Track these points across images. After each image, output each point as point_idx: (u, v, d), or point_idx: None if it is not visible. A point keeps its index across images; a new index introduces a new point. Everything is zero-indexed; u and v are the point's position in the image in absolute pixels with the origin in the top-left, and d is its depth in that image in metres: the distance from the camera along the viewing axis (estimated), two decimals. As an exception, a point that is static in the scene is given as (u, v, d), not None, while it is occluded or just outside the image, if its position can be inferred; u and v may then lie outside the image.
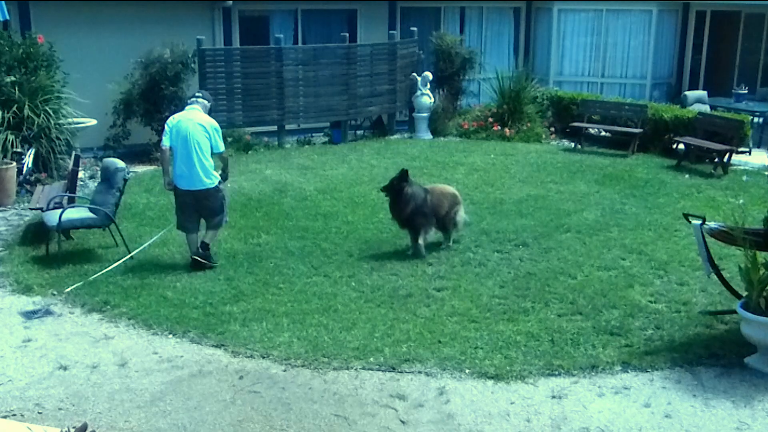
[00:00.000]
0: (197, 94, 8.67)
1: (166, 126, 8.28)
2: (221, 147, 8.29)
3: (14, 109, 11.28)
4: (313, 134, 15.41)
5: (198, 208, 8.32)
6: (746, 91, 16.42)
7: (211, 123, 8.25)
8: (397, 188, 8.72)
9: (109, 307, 7.28)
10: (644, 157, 13.85)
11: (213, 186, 8.22)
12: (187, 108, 8.40)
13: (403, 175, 8.74)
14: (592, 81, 18.21)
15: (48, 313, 7.19)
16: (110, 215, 8.52)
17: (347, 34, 15.57)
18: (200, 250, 8.28)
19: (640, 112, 14.44)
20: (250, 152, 13.91)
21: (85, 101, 12.25)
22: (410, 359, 6.28)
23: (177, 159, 8.16)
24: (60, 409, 5.57)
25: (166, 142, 8.17)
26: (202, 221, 8.46)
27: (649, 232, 9.60)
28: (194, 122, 8.14)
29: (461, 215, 9.03)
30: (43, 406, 5.61)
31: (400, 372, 6.11)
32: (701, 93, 16.48)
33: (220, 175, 8.36)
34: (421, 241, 8.67)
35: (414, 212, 8.63)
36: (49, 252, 8.58)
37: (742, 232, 6.42)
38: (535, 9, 18.73)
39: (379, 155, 13.86)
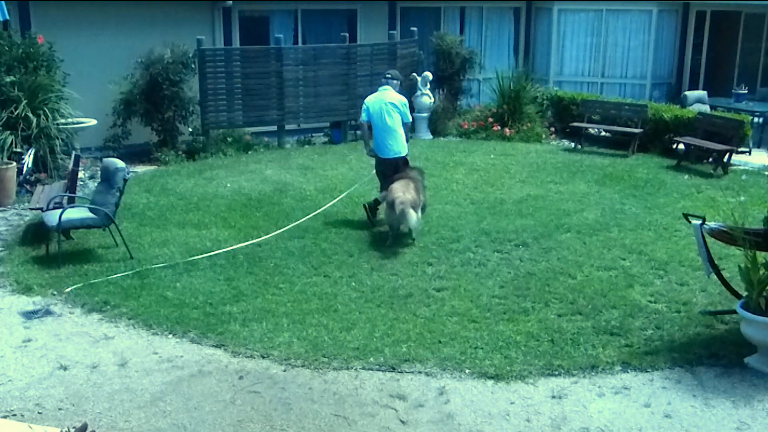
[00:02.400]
0: (387, 75, 10.06)
1: (364, 104, 9.83)
2: (408, 118, 9.83)
3: (14, 109, 11.27)
4: (313, 134, 15.42)
5: (384, 171, 9.78)
6: (746, 91, 16.41)
7: (401, 99, 9.76)
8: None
9: (109, 307, 7.28)
10: (644, 157, 13.85)
11: (402, 155, 9.72)
12: (380, 89, 9.87)
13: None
14: (592, 81, 18.21)
15: (48, 313, 7.19)
16: (110, 215, 8.52)
17: (347, 34, 15.56)
18: (372, 203, 9.85)
19: (640, 112, 14.44)
20: (250, 152, 13.91)
21: (85, 101, 12.25)
22: (410, 359, 6.29)
23: (375, 132, 9.68)
24: (60, 409, 5.57)
25: (364, 117, 9.75)
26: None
27: (649, 232, 9.60)
28: (386, 101, 9.62)
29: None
30: (43, 406, 5.61)
31: (400, 372, 6.11)
32: (701, 93, 16.48)
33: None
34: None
35: None
36: (49, 252, 8.58)
37: (742, 232, 6.42)
38: (535, 9, 18.73)
39: (379, 155, 13.85)
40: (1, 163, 10.77)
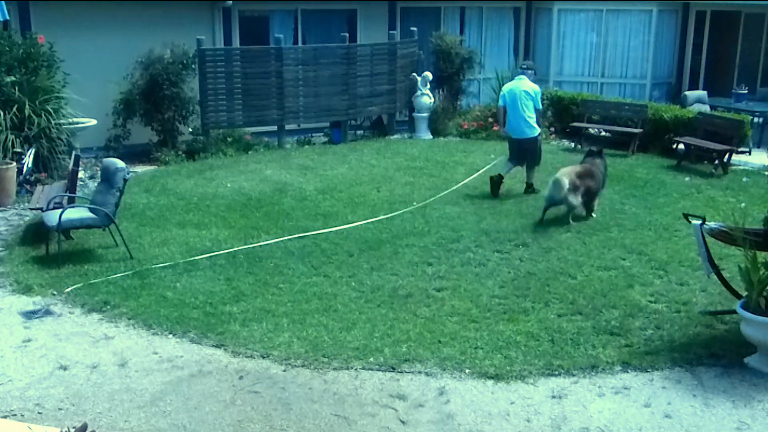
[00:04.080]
0: (523, 66, 11.59)
1: (501, 91, 11.44)
2: (540, 105, 11.15)
3: (14, 109, 11.27)
4: (313, 134, 15.41)
5: (520, 151, 11.25)
6: (746, 91, 16.41)
7: (534, 88, 11.07)
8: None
9: (109, 307, 7.29)
10: (644, 157, 13.85)
11: (533, 136, 11.10)
12: (516, 78, 11.31)
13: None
14: (592, 81, 18.20)
15: (48, 313, 7.19)
16: (110, 215, 8.52)
17: (347, 34, 15.56)
18: (527, 189, 11.23)
19: (640, 112, 14.44)
20: (250, 152, 13.92)
21: (85, 101, 12.25)
22: (410, 359, 6.28)
23: (509, 115, 11.09)
24: (60, 409, 5.57)
25: (500, 103, 11.33)
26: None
27: (649, 232, 9.60)
28: (521, 88, 10.98)
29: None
30: (43, 406, 5.61)
31: (400, 372, 6.11)
32: (701, 93, 16.47)
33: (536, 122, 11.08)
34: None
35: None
36: (49, 252, 8.58)
37: (742, 232, 6.42)
38: (535, 9, 18.72)
39: (379, 155, 13.87)
40: (1, 163, 10.77)
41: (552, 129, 15.91)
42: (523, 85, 11.05)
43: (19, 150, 11.18)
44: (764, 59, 17.78)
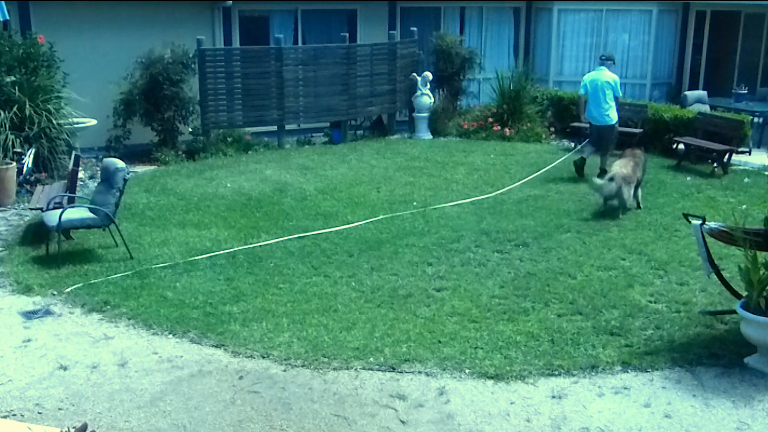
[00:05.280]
0: (603, 57, 12.38)
1: (582, 81, 12.28)
2: (619, 93, 11.99)
3: (14, 109, 11.28)
4: (313, 134, 15.42)
5: (599, 137, 12.06)
6: (746, 91, 16.41)
7: (613, 78, 11.92)
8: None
9: (109, 307, 7.28)
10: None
11: (611, 123, 11.94)
12: (597, 68, 12.19)
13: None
14: (592, 81, 18.18)
15: (48, 313, 7.19)
16: (110, 215, 8.52)
17: (347, 34, 15.57)
18: (600, 174, 11.57)
19: (640, 112, 14.43)
20: (250, 152, 13.92)
21: (85, 101, 12.25)
22: (410, 359, 6.28)
23: (590, 104, 11.96)
24: (60, 409, 5.57)
25: (581, 92, 12.21)
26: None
27: (649, 232, 9.60)
28: (602, 79, 11.84)
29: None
30: (43, 406, 5.61)
31: (400, 372, 6.11)
32: (701, 93, 16.47)
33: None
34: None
35: None
36: (49, 252, 8.58)
37: (742, 232, 6.42)
38: (535, 9, 18.72)
39: (379, 155, 13.87)
40: (1, 163, 10.77)
41: (552, 129, 15.91)
42: (604, 75, 11.89)
43: (19, 150, 11.18)
44: (764, 59, 17.78)
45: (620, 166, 10.37)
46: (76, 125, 12.16)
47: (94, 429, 5.18)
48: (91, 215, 8.58)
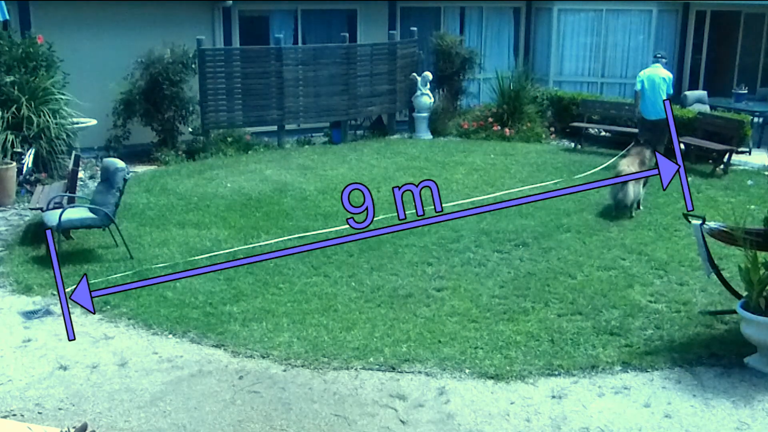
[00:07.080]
0: (657, 55, 13.02)
1: (638, 76, 12.81)
2: (671, 90, 12.59)
3: (14, 109, 11.27)
4: (313, 134, 15.41)
5: (653, 131, 12.46)
6: (746, 91, 16.41)
7: (667, 75, 12.57)
8: None
9: (109, 307, 7.28)
10: (644, 157, 13.83)
11: (663, 118, 12.32)
12: (651, 65, 12.84)
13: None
14: (592, 81, 18.19)
15: (48, 313, 7.19)
16: (110, 215, 8.52)
17: (347, 34, 15.56)
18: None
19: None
20: (250, 152, 13.91)
21: (85, 101, 12.25)
22: (410, 359, 6.28)
23: (645, 99, 12.55)
24: (60, 409, 5.57)
25: (638, 87, 12.68)
26: None
27: (649, 232, 9.60)
28: (659, 75, 12.48)
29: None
30: (43, 406, 5.61)
31: (400, 372, 6.11)
32: (701, 93, 16.48)
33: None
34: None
35: None
36: (49, 252, 8.57)
37: (742, 232, 6.42)
38: (535, 9, 18.72)
39: (379, 155, 13.87)
40: (1, 163, 10.77)
41: (552, 129, 15.91)
42: (659, 72, 12.50)
43: (19, 150, 11.18)
44: (764, 59, 17.78)
45: (627, 165, 10.42)
46: (76, 125, 12.16)
47: (94, 429, 5.18)
48: (91, 215, 8.58)
